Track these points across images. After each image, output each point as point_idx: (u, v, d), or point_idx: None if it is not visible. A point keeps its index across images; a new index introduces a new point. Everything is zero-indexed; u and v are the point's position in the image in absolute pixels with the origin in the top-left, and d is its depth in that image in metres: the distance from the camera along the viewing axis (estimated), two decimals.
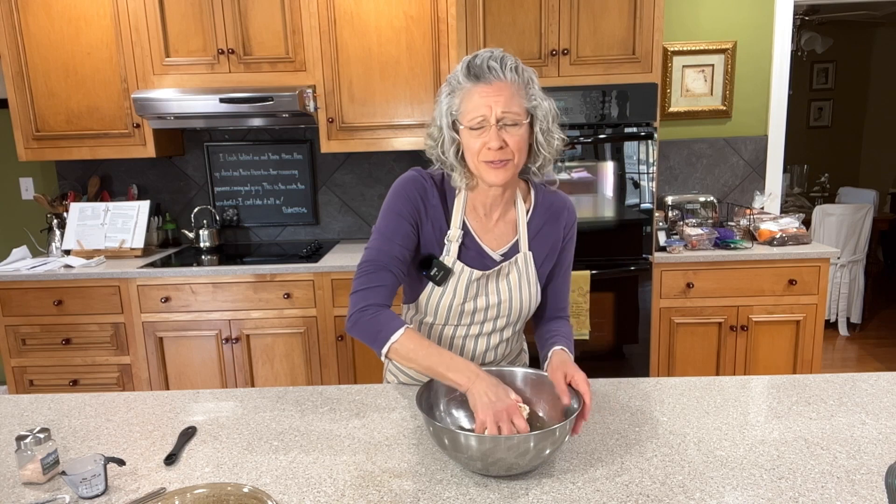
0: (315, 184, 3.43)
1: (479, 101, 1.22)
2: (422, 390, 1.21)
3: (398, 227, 1.32)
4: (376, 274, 1.30)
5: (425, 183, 1.35)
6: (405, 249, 1.33)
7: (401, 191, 1.34)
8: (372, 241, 1.35)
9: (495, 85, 1.21)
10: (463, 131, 1.26)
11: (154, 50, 2.95)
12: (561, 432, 1.06)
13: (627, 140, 2.72)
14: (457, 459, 1.09)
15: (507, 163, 1.25)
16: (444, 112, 1.27)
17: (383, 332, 1.25)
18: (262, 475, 1.12)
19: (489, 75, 1.21)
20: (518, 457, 1.03)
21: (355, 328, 1.28)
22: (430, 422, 1.08)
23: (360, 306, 1.28)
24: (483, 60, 1.22)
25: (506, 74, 1.22)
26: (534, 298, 1.41)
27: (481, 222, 1.37)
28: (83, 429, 1.33)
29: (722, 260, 2.82)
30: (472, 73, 1.22)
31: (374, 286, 1.29)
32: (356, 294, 1.30)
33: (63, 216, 3.16)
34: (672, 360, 2.93)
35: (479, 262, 1.36)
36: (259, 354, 2.92)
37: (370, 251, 1.33)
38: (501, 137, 1.22)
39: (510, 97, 1.22)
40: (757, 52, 3.27)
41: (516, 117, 1.23)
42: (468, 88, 1.23)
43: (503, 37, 2.68)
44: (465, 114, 1.24)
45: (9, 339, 2.90)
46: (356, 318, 1.28)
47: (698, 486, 1.05)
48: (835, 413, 1.30)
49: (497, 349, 1.46)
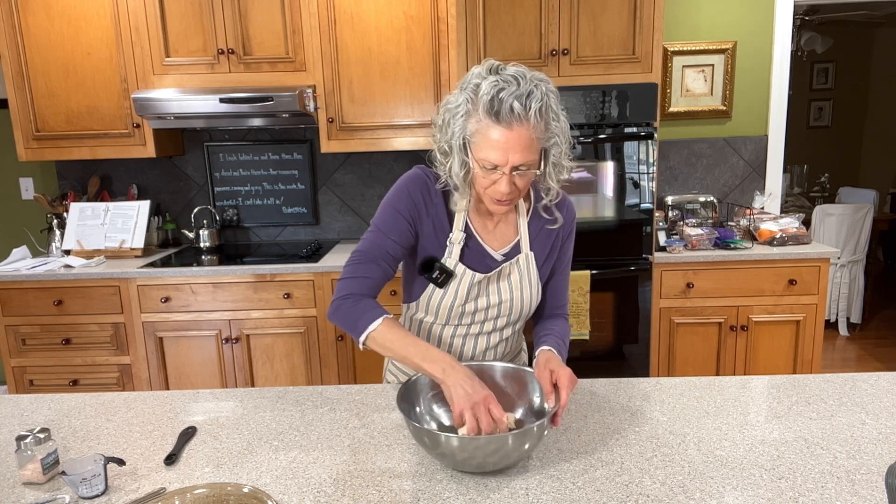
0: (315, 184, 3.43)
1: (495, 145, 1.16)
2: (402, 389, 1.21)
3: (394, 223, 1.32)
4: (365, 265, 1.31)
5: (429, 182, 1.34)
6: (398, 246, 1.32)
7: (402, 188, 1.34)
8: (367, 232, 1.35)
9: (516, 131, 1.14)
10: (473, 159, 1.21)
11: (154, 50, 2.95)
12: (531, 437, 1.06)
13: (627, 140, 2.72)
14: (433, 455, 1.10)
15: (512, 200, 1.25)
16: (457, 134, 1.20)
17: (362, 321, 1.25)
18: (262, 475, 1.12)
19: (511, 118, 1.13)
20: (487, 456, 1.04)
21: (335, 314, 1.29)
22: (410, 422, 1.08)
23: (343, 294, 1.29)
24: (508, 99, 1.13)
25: (529, 118, 1.14)
26: (535, 298, 1.41)
27: (484, 223, 1.37)
28: (83, 429, 1.33)
29: (722, 260, 2.82)
30: (494, 110, 1.14)
31: (361, 276, 1.30)
32: (342, 281, 1.31)
33: (63, 216, 3.16)
34: (672, 360, 2.93)
35: (481, 263, 1.36)
36: (259, 354, 2.92)
37: (363, 242, 1.33)
38: (512, 182, 1.20)
39: (528, 145, 1.16)
40: (757, 52, 3.27)
41: (531, 164, 1.19)
42: (486, 123, 1.16)
43: (503, 37, 2.68)
44: (479, 147, 1.18)
45: (9, 339, 2.90)
46: (337, 304, 1.29)
47: (698, 486, 1.05)
48: (835, 413, 1.30)
49: (497, 348, 1.46)
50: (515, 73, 1.17)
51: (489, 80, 1.16)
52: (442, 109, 1.26)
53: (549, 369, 1.22)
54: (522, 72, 1.18)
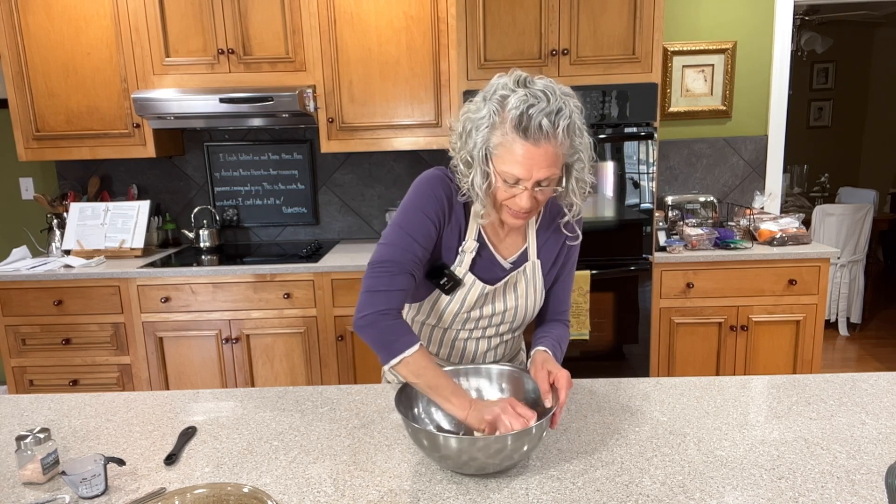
0: (315, 184, 3.43)
1: (519, 160, 1.14)
2: (400, 391, 1.21)
3: (423, 227, 1.26)
4: (400, 277, 1.23)
5: (451, 184, 1.29)
6: (426, 251, 1.27)
7: (428, 189, 1.28)
8: (393, 235, 1.26)
9: (542, 147, 1.13)
10: (494, 172, 1.19)
11: (154, 50, 2.95)
12: (530, 437, 1.06)
13: (627, 140, 2.72)
14: (433, 458, 1.10)
15: (530, 214, 1.24)
16: (479, 145, 1.18)
17: (398, 344, 1.19)
18: (262, 475, 1.12)
19: (539, 136, 1.12)
20: (489, 457, 1.04)
21: (370, 329, 1.21)
22: (409, 423, 1.08)
23: (381, 309, 1.21)
24: (537, 116, 1.11)
25: (556, 135, 1.12)
26: (538, 304, 1.41)
27: (496, 231, 1.35)
28: (83, 429, 1.33)
29: (722, 260, 2.82)
30: (523, 126, 1.12)
31: (396, 290, 1.23)
32: (378, 294, 1.22)
33: (63, 216, 3.16)
34: (672, 360, 2.93)
35: (490, 271, 1.35)
36: (259, 354, 2.92)
37: (394, 249, 1.24)
38: (534, 197, 1.19)
39: (553, 161, 1.15)
40: (757, 52, 3.27)
41: (553, 179, 1.18)
42: (512, 138, 1.13)
43: (503, 37, 2.68)
44: (502, 160, 1.16)
45: (9, 339, 2.90)
46: (374, 319, 1.20)
47: (698, 486, 1.05)
48: (835, 413, 1.30)
49: (497, 350, 1.46)
50: (545, 89, 1.14)
51: (518, 93, 1.14)
52: (463, 117, 1.22)
53: (546, 369, 1.21)
54: (553, 87, 1.15)
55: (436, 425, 1.24)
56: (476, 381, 1.32)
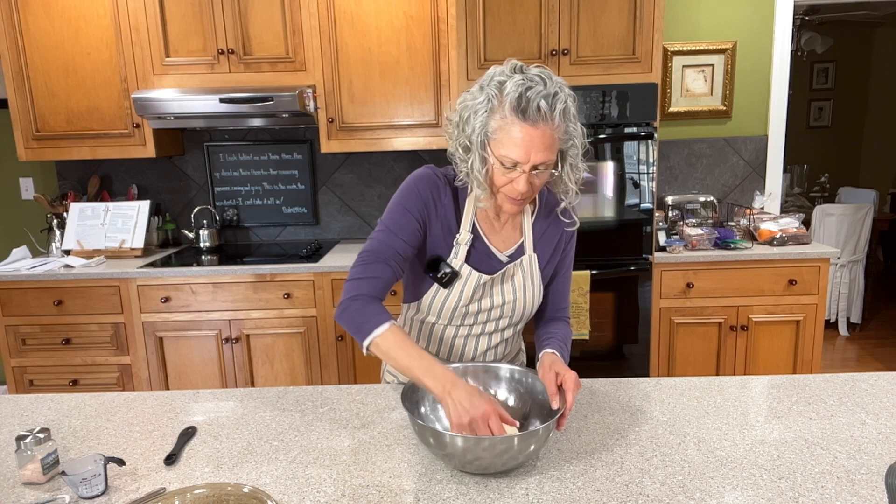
0: (315, 184, 3.43)
1: (518, 142, 1.16)
2: (407, 388, 1.21)
3: (404, 223, 1.31)
4: (374, 265, 1.28)
5: (438, 181, 1.33)
6: (408, 245, 1.31)
7: (413, 187, 1.33)
8: (376, 232, 1.33)
9: (540, 129, 1.15)
10: (493, 156, 1.21)
11: (154, 50, 2.95)
12: (536, 438, 1.06)
13: (627, 140, 2.72)
14: (438, 456, 1.10)
15: (526, 199, 1.25)
16: (478, 130, 1.20)
17: (367, 325, 1.23)
18: (262, 475, 1.12)
19: (537, 117, 1.14)
20: (495, 457, 1.04)
21: (343, 315, 1.27)
22: (414, 420, 1.08)
23: (352, 294, 1.27)
24: (535, 98, 1.14)
25: (554, 118, 1.15)
26: (537, 299, 1.41)
27: (490, 224, 1.37)
28: (83, 429, 1.33)
29: (722, 260, 2.82)
30: (521, 108, 1.14)
31: (370, 277, 1.28)
32: (350, 282, 1.29)
33: (63, 216, 3.16)
34: (672, 360, 2.93)
35: (487, 264, 1.36)
36: (259, 354, 2.92)
37: (372, 241, 1.31)
38: (530, 181, 1.20)
39: (550, 144, 1.17)
40: (757, 52, 3.26)
41: (549, 164, 1.20)
42: (511, 120, 1.16)
43: (503, 37, 2.68)
44: (500, 144, 1.18)
45: (9, 339, 2.90)
46: (345, 305, 1.26)
47: (698, 486, 1.05)
48: (835, 413, 1.30)
49: (497, 348, 1.46)
50: (541, 74, 1.19)
51: (515, 78, 1.17)
52: (459, 106, 1.25)
53: (554, 371, 1.22)
54: (548, 73, 1.19)
55: (443, 424, 1.23)
56: (485, 381, 1.32)
